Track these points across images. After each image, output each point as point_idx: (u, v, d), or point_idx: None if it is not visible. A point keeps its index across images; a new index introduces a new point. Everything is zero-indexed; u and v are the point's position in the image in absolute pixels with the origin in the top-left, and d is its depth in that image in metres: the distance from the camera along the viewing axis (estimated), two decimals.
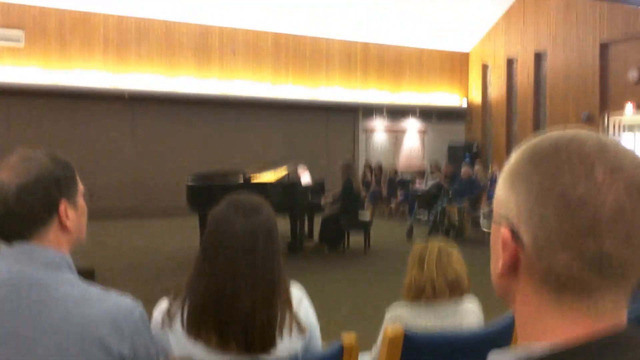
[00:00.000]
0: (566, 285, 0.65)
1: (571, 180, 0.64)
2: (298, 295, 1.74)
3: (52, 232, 1.31)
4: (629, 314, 0.67)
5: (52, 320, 1.20)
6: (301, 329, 1.65)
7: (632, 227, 0.63)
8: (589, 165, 0.64)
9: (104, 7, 12.86)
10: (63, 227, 1.33)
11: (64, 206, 1.32)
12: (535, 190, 0.66)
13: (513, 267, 0.69)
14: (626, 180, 0.64)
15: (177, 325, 1.58)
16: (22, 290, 1.22)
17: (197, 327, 1.55)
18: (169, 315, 1.59)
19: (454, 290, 2.30)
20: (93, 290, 1.28)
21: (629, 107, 13.07)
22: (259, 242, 1.58)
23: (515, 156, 0.71)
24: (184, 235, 9.94)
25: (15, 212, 1.26)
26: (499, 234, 0.69)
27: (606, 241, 0.63)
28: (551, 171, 0.65)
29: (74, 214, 1.35)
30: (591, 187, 0.63)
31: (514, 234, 0.68)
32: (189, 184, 8.72)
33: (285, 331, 1.60)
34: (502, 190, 0.71)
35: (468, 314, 2.33)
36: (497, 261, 0.71)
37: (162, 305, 1.65)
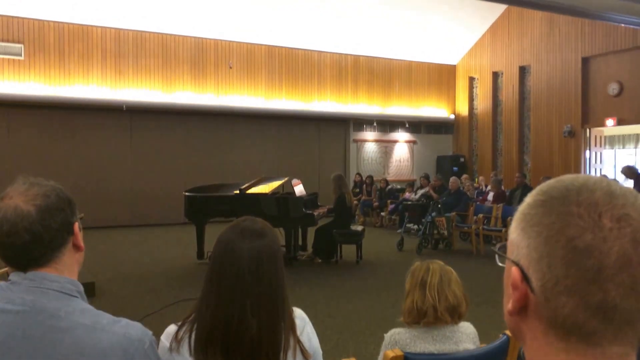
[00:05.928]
0: (572, 330, 0.66)
1: (579, 229, 0.65)
2: (301, 321, 1.74)
3: (67, 254, 1.33)
4: None
5: (64, 350, 1.21)
6: (306, 356, 1.65)
7: (638, 276, 0.64)
8: (597, 214, 0.65)
9: (102, 21, 13.12)
10: (76, 247, 1.36)
11: (76, 226, 1.36)
12: (545, 235, 0.67)
13: (523, 307, 0.70)
14: (633, 230, 0.64)
15: (185, 350, 1.58)
16: (35, 319, 1.23)
17: (204, 352, 1.55)
18: (176, 339, 1.60)
19: (453, 315, 2.36)
20: (104, 318, 1.29)
21: (610, 122, 13.56)
22: (264, 265, 1.59)
23: (528, 199, 0.73)
24: (181, 245, 10.11)
25: (42, 238, 1.27)
26: (511, 274, 0.71)
27: (611, 290, 0.63)
28: (560, 218, 0.66)
29: (80, 233, 1.39)
30: (598, 236, 0.64)
31: (524, 276, 0.69)
32: (187, 194, 9.00)
33: (290, 355, 1.60)
34: (515, 232, 0.73)
35: (465, 339, 2.38)
36: (508, 300, 0.72)
37: (170, 329, 1.66)
